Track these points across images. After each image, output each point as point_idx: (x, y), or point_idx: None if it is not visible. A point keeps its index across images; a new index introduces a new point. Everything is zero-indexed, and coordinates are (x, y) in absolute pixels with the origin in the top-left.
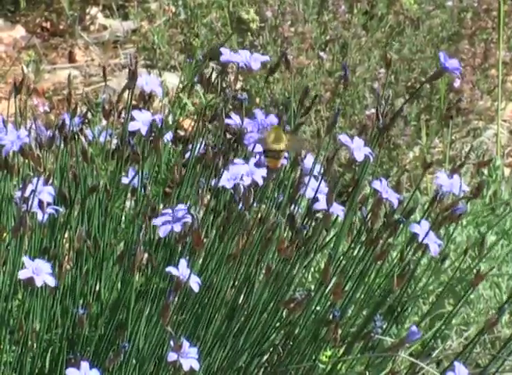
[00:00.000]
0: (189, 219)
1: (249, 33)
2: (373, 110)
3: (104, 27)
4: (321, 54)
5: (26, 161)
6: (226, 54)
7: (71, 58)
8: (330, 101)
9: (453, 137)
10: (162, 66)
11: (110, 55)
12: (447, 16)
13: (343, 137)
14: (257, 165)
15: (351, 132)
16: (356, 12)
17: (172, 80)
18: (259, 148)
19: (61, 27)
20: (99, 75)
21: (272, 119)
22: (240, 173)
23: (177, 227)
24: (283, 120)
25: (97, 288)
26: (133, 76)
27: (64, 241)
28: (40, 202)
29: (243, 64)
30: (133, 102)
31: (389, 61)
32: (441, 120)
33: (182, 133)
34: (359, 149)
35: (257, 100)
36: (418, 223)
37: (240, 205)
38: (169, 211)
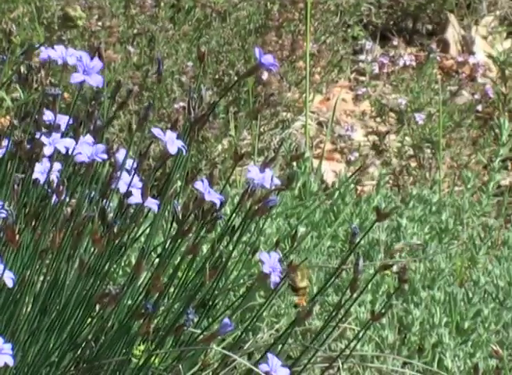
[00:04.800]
0: (3, 215)
1: (55, 28)
2: (181, 103)
3: None
4: (129, 48)
5: None
6: (44, 51)
7: None
8: (138, 94)
9: (261, 129)
10: None
11: None
12: (254, 9)
13: (156, 131)
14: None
15: (160, 125)
16: (163, 5)
17: None
18: None
19: None
20: None
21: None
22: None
23: None
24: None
25: None
26: None
27: None
28: None
29: (60, 59)
30: None
31: (203, 55)
32: (250, 113)
33: None
34: (172, 142)
35: (66, 95)
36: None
37: (54, 198)
38: None
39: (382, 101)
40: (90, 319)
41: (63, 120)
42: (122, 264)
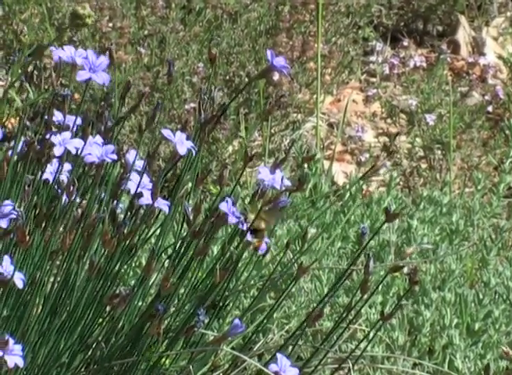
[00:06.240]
0: (14, 216)
1: (68, 29)
2: (192, 104)
3: None
4: (140, 49)
5: None
6: (55, 51)
7: None
8: (149, 95)
9: (272, 131)
10: None
11: None
12: (265, 10)
13: (166, 132)
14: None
15: (171, 126)
16: (174, 6)
17: None
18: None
19: None
20: None
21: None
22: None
23: (3, 223)
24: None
25: None
26: None
27: None
28: None
29: (68, 60)
30: None
31: (214, 57)
32: (260, 114)
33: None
34: (181, 143)
35: (76, 96)
36: None
37: (64, 198)
38: None
39: (393, 102)
40: (100, 320)
41: (73, 121)
42: (133, 265)
